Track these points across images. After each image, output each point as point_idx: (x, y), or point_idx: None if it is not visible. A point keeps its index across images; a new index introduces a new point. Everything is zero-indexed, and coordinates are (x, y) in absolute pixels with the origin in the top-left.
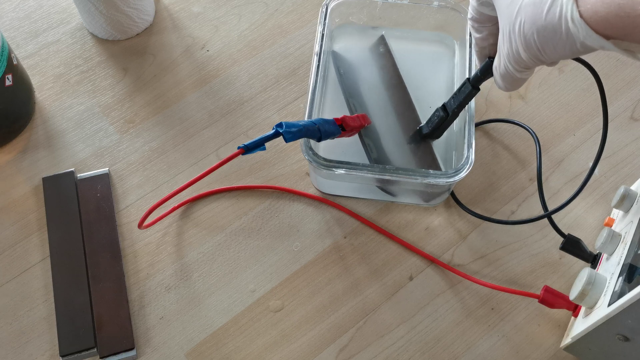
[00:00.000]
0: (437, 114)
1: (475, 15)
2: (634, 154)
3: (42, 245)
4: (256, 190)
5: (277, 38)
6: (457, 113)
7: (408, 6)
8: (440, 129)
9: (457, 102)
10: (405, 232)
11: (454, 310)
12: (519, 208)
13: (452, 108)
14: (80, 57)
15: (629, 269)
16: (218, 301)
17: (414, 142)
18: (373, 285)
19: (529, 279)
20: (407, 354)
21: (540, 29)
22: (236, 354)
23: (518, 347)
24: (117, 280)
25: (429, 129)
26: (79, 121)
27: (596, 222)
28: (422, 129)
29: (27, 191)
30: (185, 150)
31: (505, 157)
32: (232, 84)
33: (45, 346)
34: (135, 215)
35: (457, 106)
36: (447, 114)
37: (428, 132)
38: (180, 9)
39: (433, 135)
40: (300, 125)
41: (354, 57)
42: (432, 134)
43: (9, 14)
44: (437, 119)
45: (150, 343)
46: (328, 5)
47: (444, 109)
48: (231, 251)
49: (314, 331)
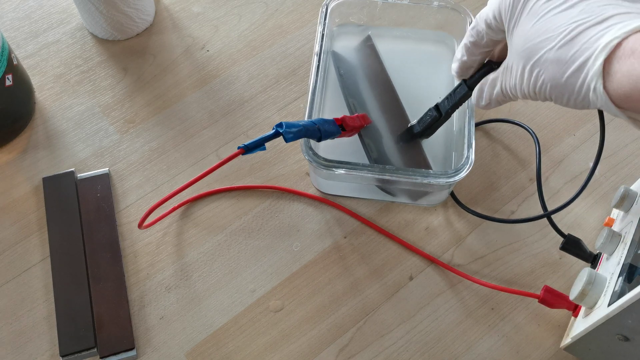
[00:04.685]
0: (430, 113)
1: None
2: (634, 154)
3: (42, 245)
4: (256, 190)
5: (277, 38)
6: (450, 114)
7: (408, 6)
8: (432, 129)
9: (452, 103)
10: (405, 232)
11: (454, 310)
12: (519, 208)
13: (446, 109)
14: (80, 57)
15: (629, 269)
16: (218, 301)
17: (403, 141)
18: (373, 285)
19: (529, 279)
20: (407, 354)
21: (557, 86)
22: (236, 354)
23: (518, 347)
24: (117, 280)
25: (421, 128)
26: (79, 121)
27: (596, 222)
28: (414, 128)
29: (27, 191)
30: (185, 150)
31: (505, 157)
32: (232, 84)
33: (45, 346)
34: (135, 215)
35: (451, 107)
36: (440, 114)
37: (419, 131)
38: (180, 9)
39: (423, 134)
40: (300, 125)
41: (354, 57)
42: (422, 133)
43: (9, 14)
44: (430, 118)
45: (150, 343)
46: (328, 5)
47: (437, 109)
48: (231, 251)
49: (314, 331)
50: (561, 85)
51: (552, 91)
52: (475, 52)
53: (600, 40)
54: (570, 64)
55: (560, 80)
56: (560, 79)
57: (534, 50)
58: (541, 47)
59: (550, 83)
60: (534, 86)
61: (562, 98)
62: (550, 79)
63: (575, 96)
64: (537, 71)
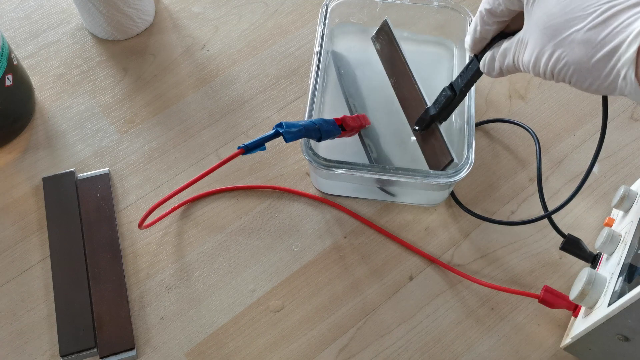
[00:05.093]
0: (445, 93)
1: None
2: (634, 154)
3: (42, 245)
4: (256, 190)
5: (277, 38)
6: (465, 92)
7: (408, 6)
8: (448, 109)
9: (465, 80)
10: (405, 232)
11: (454, 310)
12: (519, 208)
13: (460, 87)
14: (80, 57)
15: (629, 269)
16: (218, 301)
17: (421, 127)
18: (373, 285)
19: (529, 279)
20: (407, 354)
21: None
22: (236, 354)
23: (518, 347)
24: (117, 280)
25: (436, 110)
26: (79, 121)
27: (596, 222)
28: (429, 110)
29: (27, 191)
30: (185, 150)
31: (505, 157)
32: (232, 84)
33: (45, 346)
34: (135, 215)
35: (465, 84)
36: (454, 93)
37: (435, 114)
38: (180, 9)
39: (440, 116)
40: (300, 125)
41: (354, 57)
42: (439, 114)
43: (9, 14)
44: (444, 98)
45: (150, 343)
46: (328, 5)
47: (451, 89)
48: (231, 251)
49: (314, 331)
50: (586, 69)
51: (574, 74)
52: (489, 22)
53: (635, 24)
54: (600, 48)
55: (586, 64)
56: (586, 62)
57: (559, 29)
58: (568, 26)
59: (574, 66)
60: (554, 67)
61: (584, 82)
62: (575, 61)
63: (600, 81)
64: (560, 52)
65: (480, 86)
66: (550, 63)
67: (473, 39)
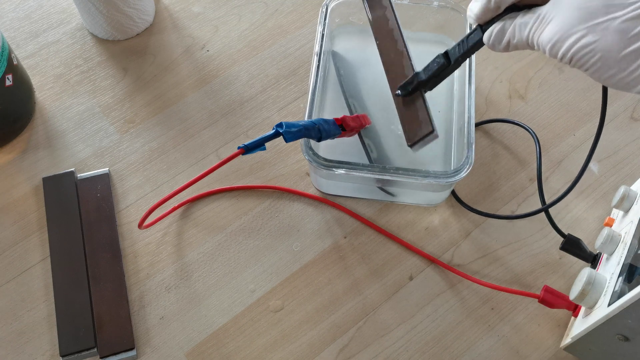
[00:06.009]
0: (438, 60)
1: None
2: (634, 154)
3: (42, 245)
4: (256, 190)
5: (277, 38)
6: (460, 62)
7: (408, 6)
8: (438, 78)
9: (463, 50)
10: (405, 232)
11: (454, 310)
12: (519, 208)
13: (456, 56)
14: (80, 57)
15: (629, 269)
16: (218, 301)
17: (405, 92)
18: (373, 285)
19: (529, 279)
20: (407, 354)
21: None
22: (236, 354)
23: (518, 347)
24: (117, 280)
25: (426, 76)
26: (79, 121)
27: (596, 222)
28: (418, 76)
29: (27, 191)
30: (185, 150)
31: (505, 157)
32: (232, 84)
33: (45, 346)
34: (135, 215)
35: (462, 55)
36: (448, 62)
37: (423, 80)
38: (180, 9)
39: (428, 83)
40: (300, 125)
41: (354, 57)
42: (427, 81)
43: (9, 14)
44: (437, 65)
45: (150, 343)
46: (328, 6)
47: (445, 56)
48: (231, 251)
49: (314, 331)
50: (614, 60)
51: (598, 62)
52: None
53: None
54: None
55: (616, 54)
56: (616, 53)
57: (595, 12)
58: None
59: (602, 54)
60: (578, 50)
61: (606, 72)
62: (604, 49)
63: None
64: (591, 36)
65: (480, 86)
66: (576, 46)
67: (485, 7)
